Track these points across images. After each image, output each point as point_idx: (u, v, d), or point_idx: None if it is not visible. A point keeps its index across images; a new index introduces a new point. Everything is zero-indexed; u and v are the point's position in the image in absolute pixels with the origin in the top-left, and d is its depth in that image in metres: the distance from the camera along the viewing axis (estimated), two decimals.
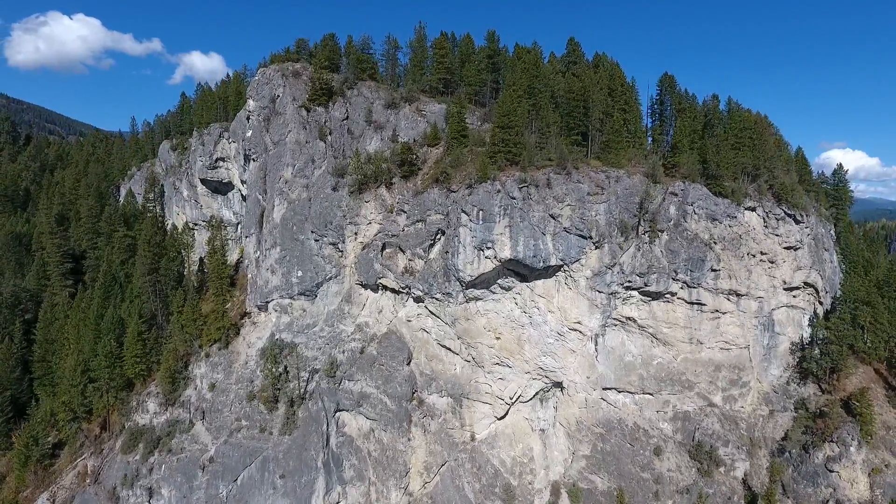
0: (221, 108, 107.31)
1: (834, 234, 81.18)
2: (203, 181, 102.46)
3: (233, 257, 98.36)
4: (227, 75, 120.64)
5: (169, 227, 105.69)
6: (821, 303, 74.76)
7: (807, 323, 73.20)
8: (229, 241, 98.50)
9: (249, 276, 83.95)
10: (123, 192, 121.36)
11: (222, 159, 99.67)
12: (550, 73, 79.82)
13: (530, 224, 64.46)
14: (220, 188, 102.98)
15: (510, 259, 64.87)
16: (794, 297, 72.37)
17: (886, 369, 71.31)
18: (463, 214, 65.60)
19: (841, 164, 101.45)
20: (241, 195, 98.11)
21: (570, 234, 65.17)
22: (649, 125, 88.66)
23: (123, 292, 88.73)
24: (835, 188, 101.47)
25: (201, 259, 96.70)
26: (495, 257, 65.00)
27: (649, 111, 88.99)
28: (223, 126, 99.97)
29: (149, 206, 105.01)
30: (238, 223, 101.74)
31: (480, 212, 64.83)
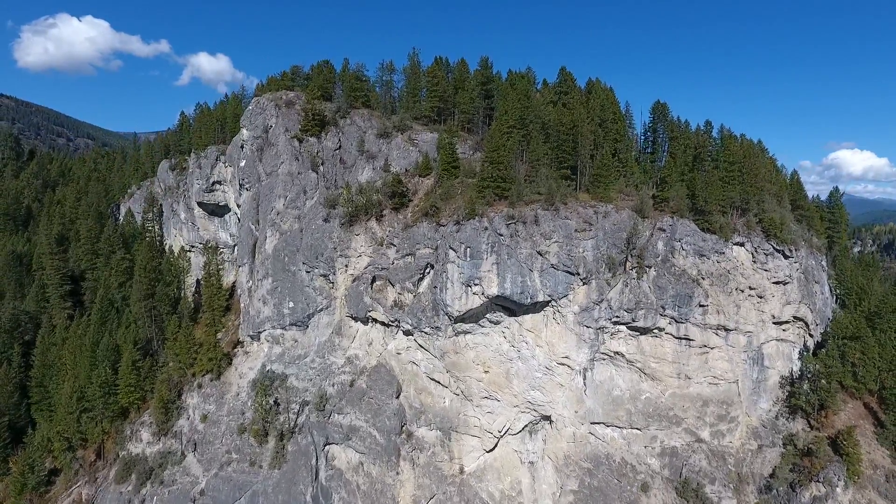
0: (219, 128, 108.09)
1: (825, 265, 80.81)
2: (200, 204, 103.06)
3: (229, 279, 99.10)
4: (225, 96, 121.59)
5: (167, 249, 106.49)
6: (811, 335, 74.66)
7: (797, 356, 73.08)
8: (226, 263, 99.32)
9: (242, 305, 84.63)
10: (123, 210, 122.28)
11: (219, 182, 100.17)
12: (541, 104, 79.93)
13: (518, 261, 64.74)
14: (217, 211, 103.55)
15: (498, 295, 65.21)
16: (783, 330, 72.22)
17: (877, 403, 71.16)
18: (451, 251, 65.98)
19: (837, 187, 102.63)
20: (238, 218, 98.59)
21: (558, 270, 65.38)
22: (645, 150, 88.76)
23: (120, 317, 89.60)
24: (830, 211, 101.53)
25: (198, 281, 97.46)
26: (483, 293, 65.33)
27: (642, 137, 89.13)
28: (220, 149, 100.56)
29: (147, 227, 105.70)
30: (235, 245, 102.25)
31: (468, 249, 65.19)
